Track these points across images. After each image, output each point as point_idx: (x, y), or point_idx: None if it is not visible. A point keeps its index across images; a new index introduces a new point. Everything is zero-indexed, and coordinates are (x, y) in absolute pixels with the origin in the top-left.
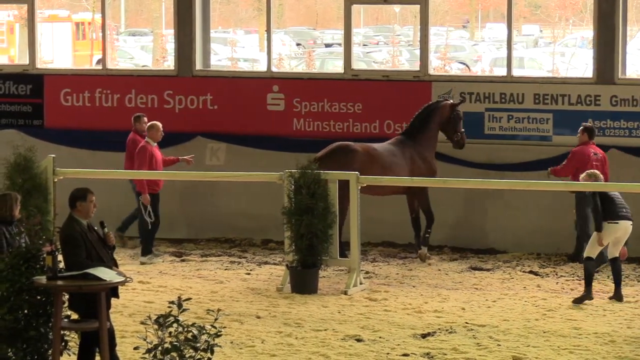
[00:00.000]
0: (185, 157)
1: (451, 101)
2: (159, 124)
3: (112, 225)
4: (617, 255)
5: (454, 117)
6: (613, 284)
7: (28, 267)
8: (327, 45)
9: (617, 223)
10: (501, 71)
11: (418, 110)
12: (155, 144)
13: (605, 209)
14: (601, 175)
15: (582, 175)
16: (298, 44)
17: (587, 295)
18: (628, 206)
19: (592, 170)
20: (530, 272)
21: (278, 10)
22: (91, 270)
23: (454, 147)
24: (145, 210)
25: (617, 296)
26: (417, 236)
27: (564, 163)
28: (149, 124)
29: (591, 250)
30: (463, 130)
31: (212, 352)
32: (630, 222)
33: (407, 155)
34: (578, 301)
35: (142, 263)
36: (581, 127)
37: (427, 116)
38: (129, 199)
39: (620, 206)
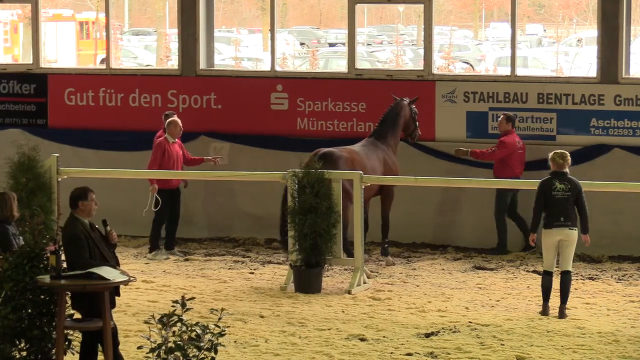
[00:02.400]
0: (209, 157)
1: (407, 100)
2: (178, 120)
3: (115, 224)
4: (569, 268)
5: (413, 115)
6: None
7: (32, 266)
8: (331, 45)
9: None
10: (505, 70)
11: (385, 111)
12: (175, 140)
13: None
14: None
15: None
16: (302, 44)
17: (545, 309)
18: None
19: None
20: (534, 271)
21: (282, 10)
22: (95, 270)
23: (412, 141)
24: (154, 200)
25: (560, 313)
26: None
27: (493, 148)
28: (168, 120)
29: (545, 262)
30: (417, 124)
31: (215, 352)
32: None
33: (381, 157)
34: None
35: (150, 259)
36: (502, 117)
37: (396, 117)
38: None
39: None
